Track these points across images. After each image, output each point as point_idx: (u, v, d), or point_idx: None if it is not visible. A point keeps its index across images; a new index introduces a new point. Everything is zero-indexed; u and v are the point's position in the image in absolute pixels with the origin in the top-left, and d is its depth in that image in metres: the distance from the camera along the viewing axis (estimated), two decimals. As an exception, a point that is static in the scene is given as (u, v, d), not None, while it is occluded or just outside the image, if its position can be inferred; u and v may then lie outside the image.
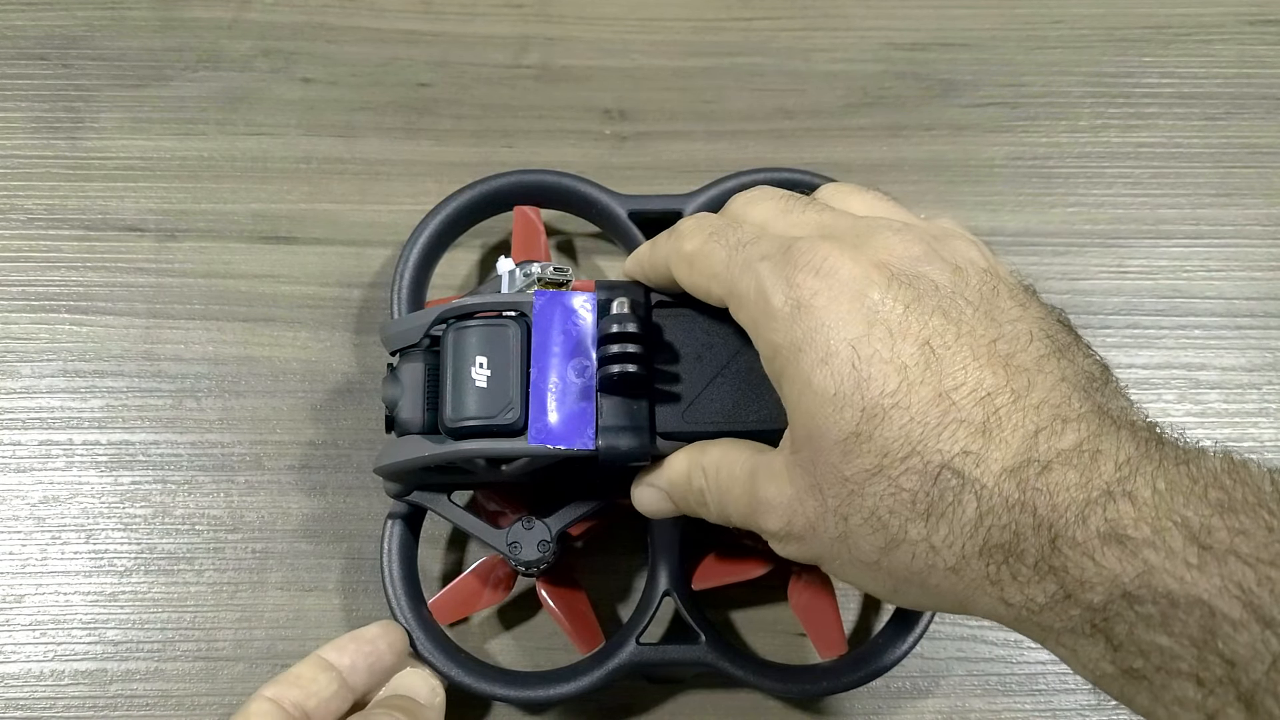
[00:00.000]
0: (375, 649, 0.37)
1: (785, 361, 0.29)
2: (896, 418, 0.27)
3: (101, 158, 0.48)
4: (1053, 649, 0.27)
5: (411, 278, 0.43)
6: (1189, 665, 0.24)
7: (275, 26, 0.50)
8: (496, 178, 0.44)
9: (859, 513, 0.28)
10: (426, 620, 0.39)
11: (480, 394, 0.35)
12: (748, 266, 0.31)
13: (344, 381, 0.45)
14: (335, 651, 0.36)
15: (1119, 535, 0.24)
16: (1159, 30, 0.51)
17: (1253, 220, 0.48)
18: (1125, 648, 0.25)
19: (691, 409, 0.34)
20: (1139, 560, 0.24)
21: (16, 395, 0.45)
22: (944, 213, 0.46)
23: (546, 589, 0.41)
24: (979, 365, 0.27)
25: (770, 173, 0.44)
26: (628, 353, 0.34)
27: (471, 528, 0.39)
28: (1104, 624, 0.25)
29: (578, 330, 0.35)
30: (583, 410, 0.34)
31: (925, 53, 0.50)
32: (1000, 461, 0.26)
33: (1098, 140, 0.49)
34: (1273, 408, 0.45)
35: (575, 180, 0.44)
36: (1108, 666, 0.25)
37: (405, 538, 0.40)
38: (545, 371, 0.35)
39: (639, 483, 0.36)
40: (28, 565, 0.43)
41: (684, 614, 0.40)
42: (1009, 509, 0.26)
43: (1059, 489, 0.26)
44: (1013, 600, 0.27)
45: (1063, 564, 0.25)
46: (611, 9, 0.51)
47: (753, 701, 0.42)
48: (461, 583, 0.41)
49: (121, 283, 0.46)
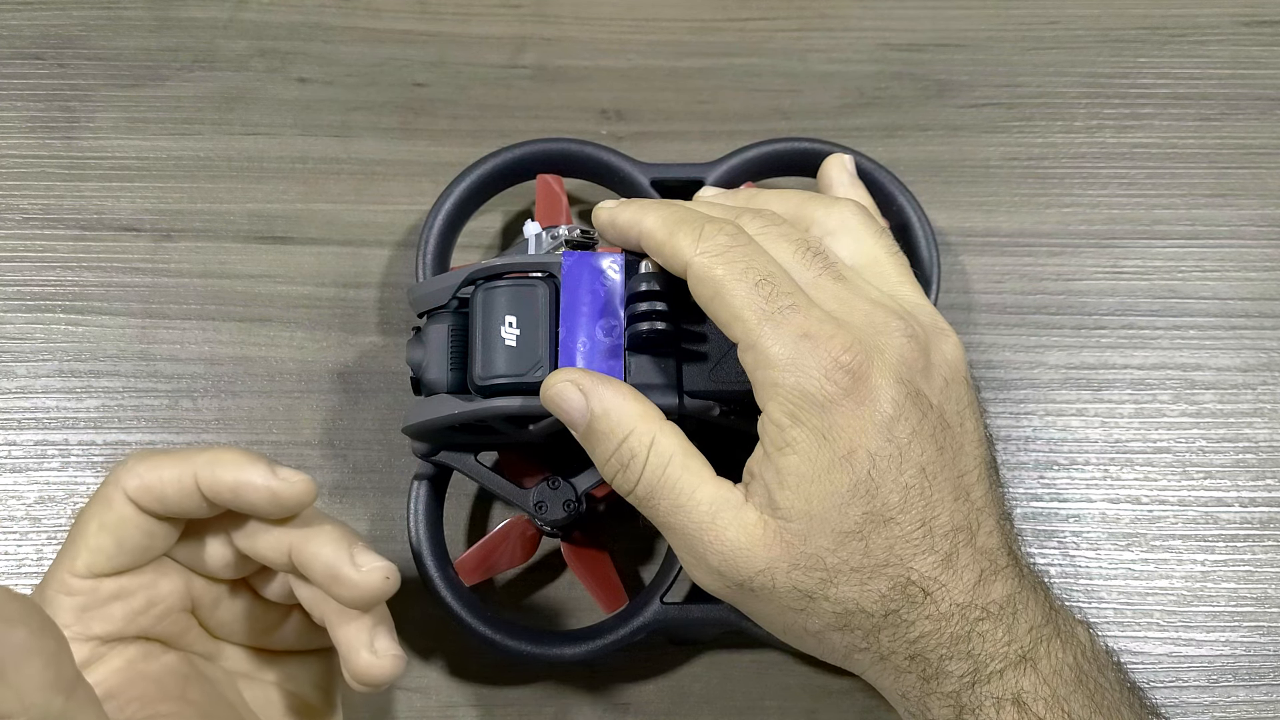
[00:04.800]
0: (269, 498, 0.33)
1: (799, 438, 0.31)
2: (891, 530, 0.31)
3: (97, 157, 0.48)
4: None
5: (436, 244, 0.43)
6: None
7: (271, 26, 0.50)
8: (519, 146, 0.44)
9: (824, 596, 0.31)
10: (453, 580, 0.40)
11: (510, 352, 0.36)
12: (780, 329, 0.31)
13: (340, 382, 0.45)
14: (209, 478, 0.33)
15: (1020, 702, 0.30)
16: (1154, 31, 0.51)
17: (1247, 220, 0.48)
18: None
19: (718, 368, 0.35)
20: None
21: (12, 395, 0.45)
22: (939, 214, 0.47)
23: (570, 550, 0.41)
24: (952, 500, 0.31)
25: (788, 142, 0.44)
26: (656, 310, 0.35)
27: (497, 488, 0.39)
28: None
29: (605, 290, 0.36)
30: (611, 369, 0.35)
31: (921, 53, 0.50)
32: (956, 596, 0.31)
33: (1093, 141, 0.49)
34: (1267, 408, 0.45)
35: (597, 148, 0.45)
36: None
37: (431, 498, 0.41)
38: (574, 330, 0.36)
39: (569, 382, 0.33)
40: (23, 565, 0.43)
41: None
42: (953, 641, 0.31)
43: (990, 639, 0.31)
44: (909, 695, 0.32)
45: (974, 703, 0.30)
46: (608, 9, 0.51)
47: (775, 660, 0.42)
48: (487, 543, 0.41)
49: (117, 283, 0.46)
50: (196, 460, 0.33)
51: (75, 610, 0.33)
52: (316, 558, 0.33)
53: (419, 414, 0.38)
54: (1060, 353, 0.46)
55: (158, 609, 0.34)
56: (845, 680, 0.42)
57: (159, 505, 0.33)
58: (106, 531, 0.33)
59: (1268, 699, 0.42)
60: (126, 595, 0.34)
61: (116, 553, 0.33)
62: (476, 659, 0.42)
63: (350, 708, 0.41)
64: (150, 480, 0.33)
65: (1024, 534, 0.44)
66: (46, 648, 0.26)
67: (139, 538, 0.33)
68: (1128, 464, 0.45)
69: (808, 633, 0.32)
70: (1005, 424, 0.45)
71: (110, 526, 0.33)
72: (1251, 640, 0.43)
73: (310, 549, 0.33)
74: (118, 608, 0.34)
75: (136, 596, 0.34)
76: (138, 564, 0.34)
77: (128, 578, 0.34)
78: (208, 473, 0.33)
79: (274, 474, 0.33)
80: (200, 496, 0.33)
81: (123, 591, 0.34)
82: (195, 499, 0.33)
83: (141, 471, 0.33)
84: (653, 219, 0.34)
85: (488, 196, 0.45)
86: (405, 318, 0.46)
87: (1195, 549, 0.44)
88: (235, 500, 0.33)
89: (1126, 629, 0.43)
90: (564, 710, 0.42)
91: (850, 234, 0.35)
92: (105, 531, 0.33)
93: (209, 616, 0.36)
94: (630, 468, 0.33)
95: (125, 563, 0.34)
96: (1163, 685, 0.42)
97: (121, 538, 0.33)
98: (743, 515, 0.32)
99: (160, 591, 0.35)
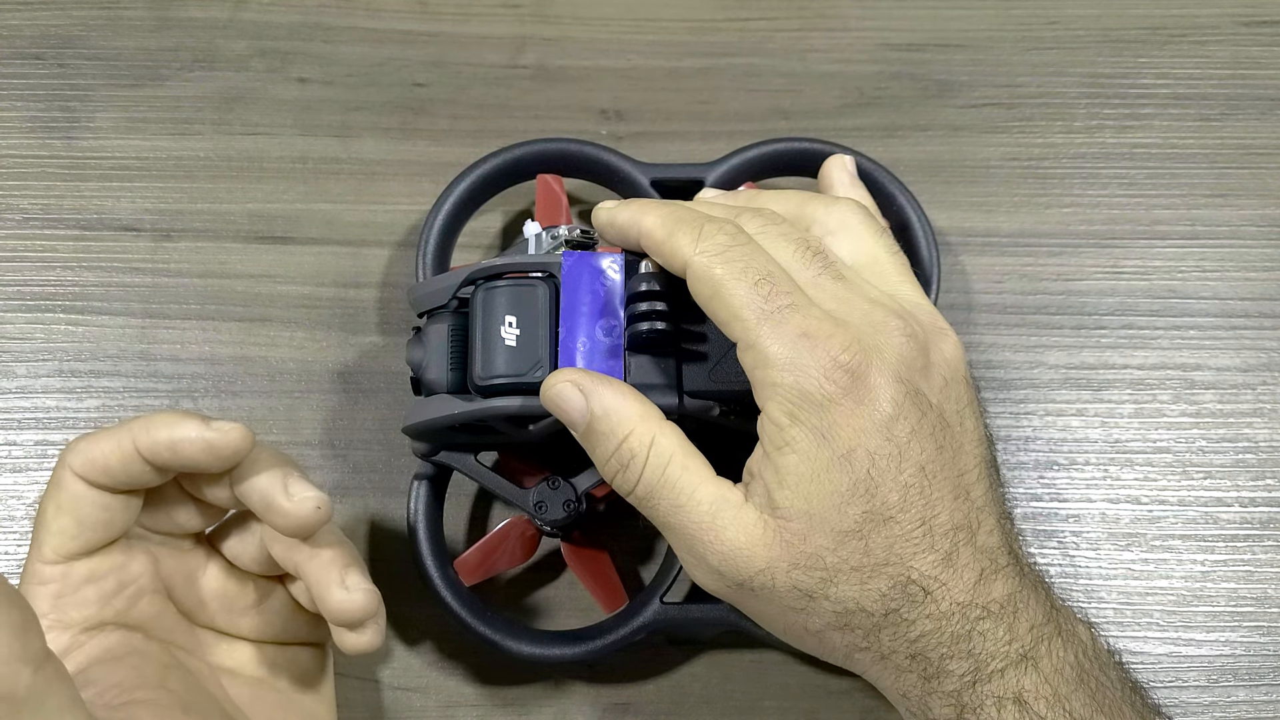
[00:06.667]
0: (206, 450, 0.33)
1: (798, 437, 0.31)
2: (891, 529, 0.31)
3: (97, 157, 0.48)
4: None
5: (436, 244, 0.44)
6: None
7: (271, 26, 0.50)
8: (519, 146, 0.44)
9: (825, 596, 0.31)
10: (453, 580, 0.40)
11: (510, 352, 0.36)
12: (779, 329, 0.31)
13: (340, 382, 0.45)
14: (147, 441, 0.33)
15: (1022, 700, 0.30)
16: (1154, 31, 0.51)
17: (1247, 221, 0.48)
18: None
19: (718, 368, 0.35)
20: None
21: (12, 395, 0.45)
22: (939, 214, 0.47)
23: (570, 550, 0.42)
24: (952, 499, 0.31)
25: (788, 142, 0.44)
26: (656, 310, 0.35)
27: (497, 488, 0.40)
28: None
29: (605, 290, 0.36)
30: (611, 369, 0.35)
31: (921, 53, 0.50)
32: (956, 595, 0.31)
33: (1093, 141, 0.49)
34: (1267, 408, 0.45)
35: (597, 148, 0.45)
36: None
37: (431, 498, 0.41)
38: (574, 330, 0.36)
39: (569, 382, 0.34)
40: (24, 566, 0.43)
41: None
42: (954, 640, 0.31)
43: (991, 638, 0.31)
44: (910, 694, 0.32)
45: (975, 702, 0.30)
46: (608, 9, 0.51)
47: (775, 660, 0.42)
48: (487, 543, 0.41)
49: (117, 283, 0.46)
50: (133, 427, 0.34)
51: (51, 598, 0.34)
52: (253, 488, 0.34)
53: (419, 414, 0.38)
54: (1060, 353, 0.46)
55: (130, 590, 0.35)
56: (845, 680, 0.42)
57: (106, 477, 0.34)
58: (64, 513, 0.34)
59: (1268, 699, 0.42)
60: (98, 578, 0.35)
61: (78, 531, 0.34)
62: (476, 659, 0.42)
63: (350, 707, 0.41)
64: (93, 454, 0.34)
65: (1024, 534, 0.43)
66: (11, 619, 0.26)
67: (96, 512, 0.34)
68: (1128, 464, 0.45)
69: (808, 632, 0.32)
70: (1005, 424, 0.45)
71: (66, 507, 0.34)
72: (1251, 640, 0.43)
73: (247, 481, 0.34)
74: (91, 591, 0.34)
75: (108, 579, 0.35)
76: (102, 540, 0.35)
77: (97, 560, 0.35)
78: (144, 435, 0.33)
79: (207, 426, 0.33)
80: (143, 461, 0.34)
81: (94, 575, 0.35)
82: (139, 464, 0.34)
83: (84, 448, 0.34)
84: (652, 218, 0.34)
85: (488, 196, 0.45)
86: (405, 318, 0.46)
87: (1195, 549, 0.44)
88: (176, 458, 0.33)
89: (1126, 629, 0.43)
90: (564, 710, 0.42)
91: (850, 233, 0.35)
92: (63, 513, 0.34)
93: (185, 597, 0.37)
94: (630, 468, 0.33)
95: (89, 539, 0.34)
96: (1163, 685, 0.42)
97: (79, 516, 0.34)
98: (742, 515, 0.32)
99: (131, 572, 0.35)
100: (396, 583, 0.42)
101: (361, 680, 0.42)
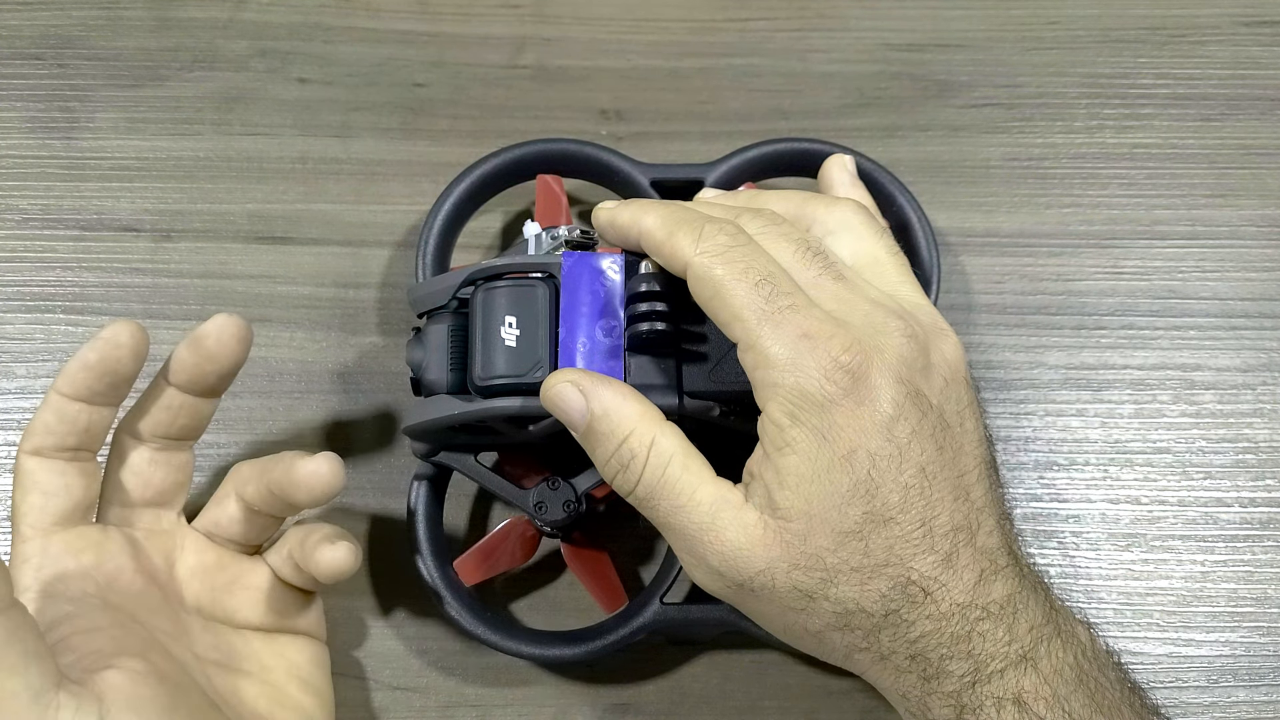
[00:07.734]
0: (107, 354, 0.36)
1: (799, 438, 0.31)
2: (891, 530, 0.31)
3: (97, 158, 0.48)
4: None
5: (436, 244, 0.44)
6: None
7: (271, 26, 0.50)
8: (519, 146, 0.44)
9: (825, 596, 0.31)
10: (452, 580, 0.40)
11: (510, 353, 0.36)
12: (780, 329, 0.31)
13: (340, 382, 0.45)
14: (65, 381, 0.36)
15: (1021, 701, 0.30)
16: (1154, 31, 0.51)
17: (1247, 221, 0.48)
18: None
19: (718, 369, 0.35)
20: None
21: (12, 396, 0.45)
22: (939, 214, 0.47)
23: (570, 550, 0.42)
24: (952, 499, 0.31)
25: (788, 142, 0.44)
26: (656, 311, 0.35)
27: (497, 488, 0.40)
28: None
29: (605, 290, 0.36)
30: (611, 369, 0.35)
31: (921, 54, 0.50)
32: (956, 596, 0.31)
33: (1093, 141, 0.49)
34: (1267, 408, 0.45)
35: (597, 148, 0.45)
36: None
37: (431, 498, 0.41)
38: (574, 331, 0.36)
39: (569, 382, 0.34)
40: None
41: None
42: (953, 640, 0.31)
43: (990, 638, 0.31)
44: (910, 694, 0.32)
45: (975, 703, 0.30)
46: (607, 9, 0.51)
47: (775, 660, 0.42)
48: (487, 543, 0.41)
49: (117, 283, 0.46)
50: (54, 386, 0.36)
51: (33, 572, 0.35)
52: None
53: (419, 414, 0.38)
54: (1060, 353, 0.46)
55: (109, 566, 0.36)
56: (845, 680, 0.42)
57: (53, 440, 0.36)
58: (26, 490, 0.36)
59: (1268, 699, 0.42)
60: (76, 551, 0.36)
61: (45, 501, 0.36)
62: (476, 659, 0.42)
63: (350, 707, 0.41)
64: (35, 427, 0.36)
65: (1024, 534, 0.44)
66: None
67: (53, 479, 0.36)
68: (1127, 464, 0.45)
69: (808, 633, 0.32)
70: (1005, 424, 0.45)
71: (27, 485, 0.36)
72: (1251, 640, 0.43)
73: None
74: (70, 563, 0.36)
75: (86, 553, 0.36)
76: (67, 506, 0.36)
77: (74, 534, 0.36)
78: (63, 382, 0.35)
79: (101, 336, 0.35)
80: (76, 405, 0.35)
81: (71, 547, 0.36)
82: (73, 411, 0.36)
83: (30, 430, 0.36)
84: (652, 219, 0.34)
85: (488, 197, 0.45)
86: (405, 318, 0.46)
87: (1195, 549, 0.44)
88: (98, 383, 0.35)
89: (1126, 629, 0.43)
90: (564, 710, 0.42)
91: (851, 233, 0.35)
92: (26, 491, 0.36)
93: (167, 579, 0.37)
94: (630, 468, 0.33)
95: (59, 507, 0.36)
96: (1163, 686, 0.42)
97: (42, 486, 0.36)
98: (743, 515, 0.32)
99: (109, 550, 0.36)
100: (396, 583, 0.42)
101: (361, 680, 0.42)
